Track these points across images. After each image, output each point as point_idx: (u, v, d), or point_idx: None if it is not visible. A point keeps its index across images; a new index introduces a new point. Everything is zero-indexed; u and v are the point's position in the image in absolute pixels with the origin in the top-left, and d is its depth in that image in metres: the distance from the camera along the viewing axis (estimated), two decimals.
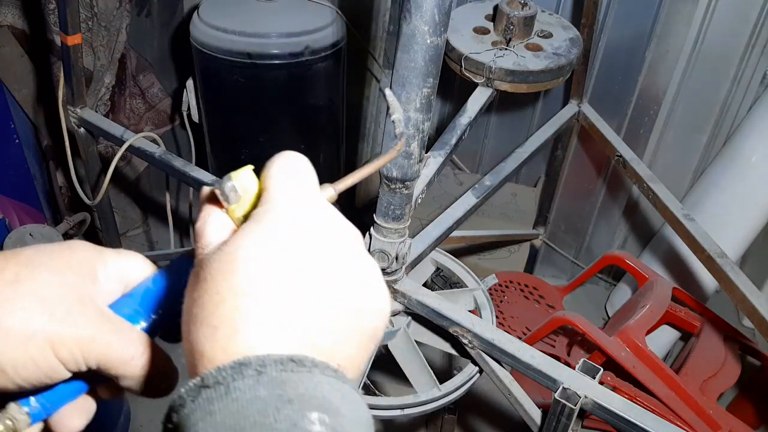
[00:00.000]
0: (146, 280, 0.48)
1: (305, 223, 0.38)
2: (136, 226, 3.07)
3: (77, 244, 0.46)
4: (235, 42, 2.01)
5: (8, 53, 2.53)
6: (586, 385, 1.18)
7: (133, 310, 0.46)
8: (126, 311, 0.46)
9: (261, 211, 0.39)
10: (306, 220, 0.38)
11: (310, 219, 0.38)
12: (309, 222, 0.38)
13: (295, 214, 0.38)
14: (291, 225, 0.37)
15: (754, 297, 1.48)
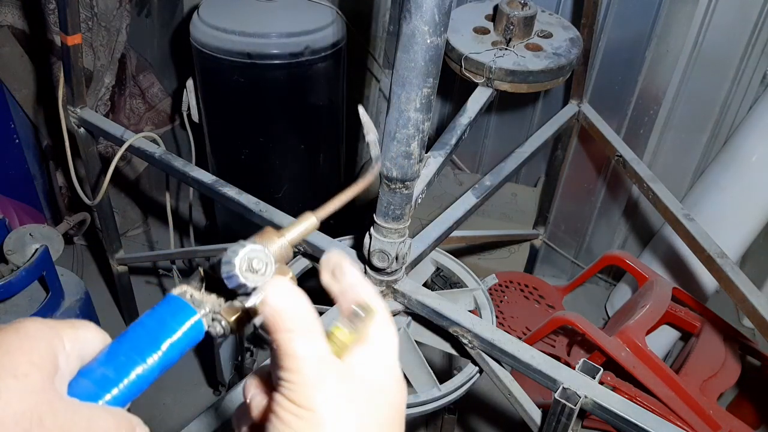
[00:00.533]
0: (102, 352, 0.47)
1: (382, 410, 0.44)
2: (136, 226, 3.07)
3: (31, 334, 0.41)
4: (235, 42, 2.01)
5: (8, 53, 2.53)
6: (586, 385, 1.18)
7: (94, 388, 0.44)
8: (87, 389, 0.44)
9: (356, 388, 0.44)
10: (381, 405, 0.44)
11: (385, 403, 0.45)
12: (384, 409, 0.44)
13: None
14: None
15: (754, 297, 1.48)
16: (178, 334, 0.48)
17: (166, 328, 0.48)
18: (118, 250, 2.27)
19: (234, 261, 0.47)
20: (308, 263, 1.62)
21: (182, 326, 0.49)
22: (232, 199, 1.58)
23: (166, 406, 2.37)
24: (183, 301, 0.50)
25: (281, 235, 0.53)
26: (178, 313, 0.49)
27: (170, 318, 0.49)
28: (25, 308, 1.74)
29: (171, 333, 0.48)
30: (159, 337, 0.47)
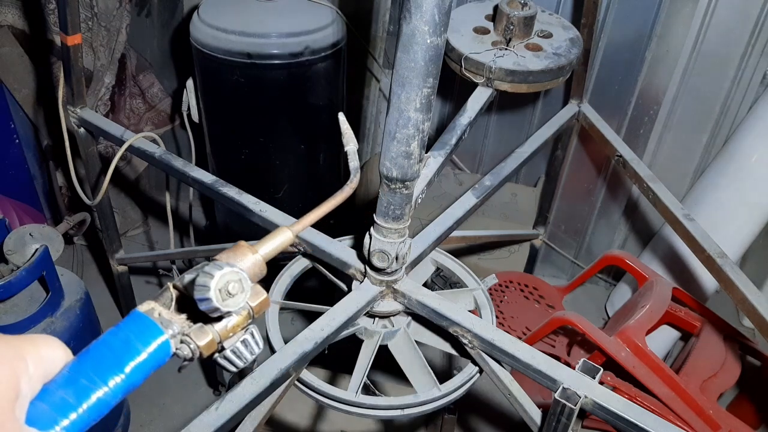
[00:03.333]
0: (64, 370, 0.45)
1: None
2: (136, 226, 3.07)
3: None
4: (235, 42, 2.01)
5: (8, 53, 2.53)
6: (586, 385, 1.18)
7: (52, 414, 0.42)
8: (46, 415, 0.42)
9: None
10: None
11: None
12: None
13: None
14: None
15: (754, 297, 1.48)
16: (143, 355, 0.46)
17: (130, 348, 0.46)
18: (118, 250, 2.27)
19: (209, 284, 0.45)
20: (308, 263, 1.62)
21: (148, 347, 0.46)
22: (232, 199, 1.58)
23: (166, 406, 2.37)
24: (150, 320, 0.47)
25: (255, 250, 0.52)
26: (144, 332, 0.47)
27: (136, 338, 0.46)
28: (25, 308, 1.74)
29: (135, 354, 0.46)
30: (123, 359, 0.45)
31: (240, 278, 0.47)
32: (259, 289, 0.51)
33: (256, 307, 0.52)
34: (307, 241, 1.46)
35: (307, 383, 1.42)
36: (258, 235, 0.57)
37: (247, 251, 0.52)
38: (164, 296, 0.50)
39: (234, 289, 0.47)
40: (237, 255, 0.51)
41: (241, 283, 0.47)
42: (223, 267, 0.46)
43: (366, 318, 1.43)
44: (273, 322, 1.49)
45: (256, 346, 0.53)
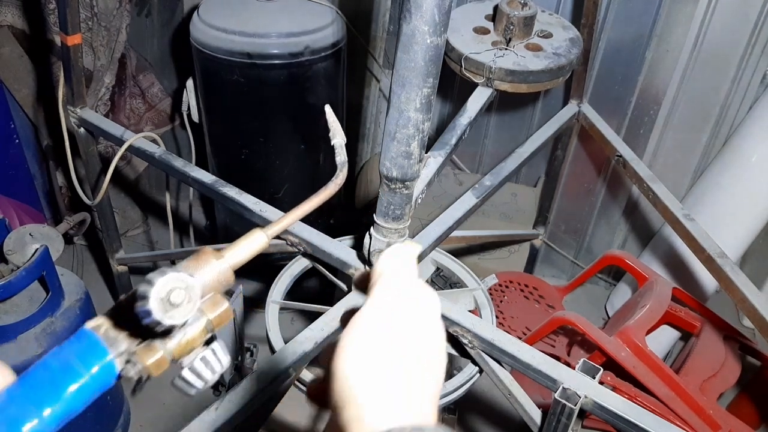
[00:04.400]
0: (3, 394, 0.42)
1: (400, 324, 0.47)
2: (136, 226, 3.07)
3: None
4: (235, 42, 2.01)
5: (8, 53, 2.53)
6: (586, 385, 1.18)
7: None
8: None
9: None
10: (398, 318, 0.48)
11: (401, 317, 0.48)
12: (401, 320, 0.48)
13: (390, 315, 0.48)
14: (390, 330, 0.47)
15: (754, 297, 1.48)
16: (85, 379, 0.42)
17: (71, 371, 0.42)
18: (118, 250, 2.27)
19: (149, 294, 0.40)
20: (308, 263, 1.62)
21: (90, 370, 0.42)
22: (232, 199, 1.58)
23: (166, 406, 2.37)
24: (95, 338, 0.43)
25: (220, 256, 0.47)
26: (86, 352, 0.43)
27: (78, 359, 0.42)
28: (25, 308, 1.74)
29: (76, 378, 0.42)
30: (61, 384, 0.41)
31: (185, 285, 0.41)
32: (219, 298, 0.46)
33: (215, 319, 0.46)
34: (307, 241, 1.46)
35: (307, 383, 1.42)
36: None
37: (211, 258, 0.47)
38: (115, 310, 0.45)
39: (178, 298, 0.41)
40: (199, 262, 0.46)
41: (187, 291, 0.41)
42: (166, 273, 0.41)
43: None
44: (273, 322, 1.49)
45: (218, 363, 0.47)
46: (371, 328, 0.47)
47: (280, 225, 0.51)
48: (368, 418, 0.43)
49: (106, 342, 0.43)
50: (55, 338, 1.74)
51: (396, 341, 0.46)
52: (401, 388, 0.44)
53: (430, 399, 0.46)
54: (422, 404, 0.45)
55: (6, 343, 1.69)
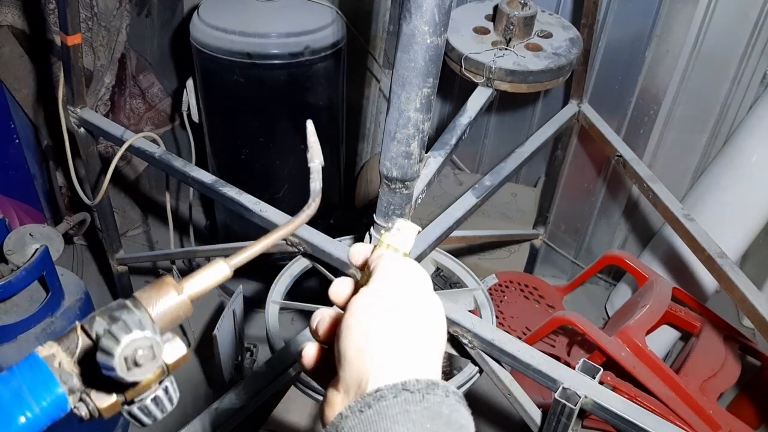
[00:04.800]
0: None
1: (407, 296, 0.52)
2: (136, 226, 3.07)
3: None
4: (235, 42, 2.01)
5: (8, 53, 2.53)
6: (586, 385, 1.18)
7: None
8: None
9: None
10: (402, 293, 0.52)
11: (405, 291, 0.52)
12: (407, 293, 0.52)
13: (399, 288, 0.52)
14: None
15: (754, 297, 1.48)
16: (36, 411, 0.41)
17: (21, 402, 0.41)
18: (118, 250, 2.27)
19: (114, 352, 0.40)
20: (308, 263, 1.62)
21: (41, 404, 0.41)
22: (232, 199, 1.58)
23: None
24: (48, 370, 0.42)
25: (180, 289, 0.46)
26: (39, 384, 0.42)
27: (29, 390, 0.41)
28: (25, 308, 1.74)
29: (26, 410, 0.41)
30: (11, 415, 0.40)
31: (151, 344, 0.41)
32: (178, 343, 0.46)
33: (172, 364, 0.45)
34: (307, 241, 1.46)
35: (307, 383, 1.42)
36: (258, 236, 0.54)
37: (171, 289, 0.46)
38: (69, 339, 0.44)
39: (143, 358, 0.40)
40: (159, 293, 0.45)
41: (152, 350, 0.41)
42: (132, 330, 0.40)
43: None
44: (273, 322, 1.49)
45: (169, 403, 0.47)
46: (381, 296, 0.50)
47: (243, 256, 0.50)
48: (384, 374, 0.46)
49: (60, 377, 0.42)
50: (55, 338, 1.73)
51: (404, 308, 0.50)
52: (412, 348, 0.48)
53: (436, 361, 0.50)
54: (430, 365, 0.49)
55: (6, 343, 1.69)
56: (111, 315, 0.43)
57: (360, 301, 0.50)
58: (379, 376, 0.46)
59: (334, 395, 0.50)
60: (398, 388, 0.45)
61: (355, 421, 0.44)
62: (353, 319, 0.49)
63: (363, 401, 0.45)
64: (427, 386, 0.45)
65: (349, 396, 0.48)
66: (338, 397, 0.49)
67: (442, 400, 0.45)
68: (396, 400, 0.44)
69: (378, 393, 0.45)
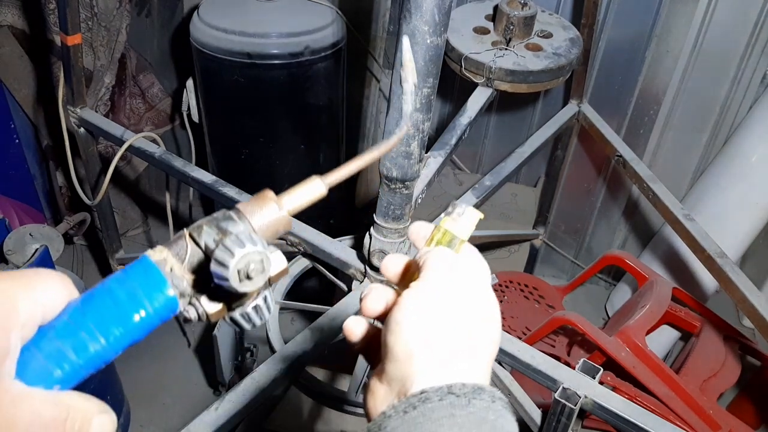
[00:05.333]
0: (63, 315, 0.42)
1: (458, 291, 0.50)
2: (136, 226, 3.07)
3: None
4: (235, 42, 2.01)
5: (8, 53, 2.53)
6: (586, 385, 1.18)
7: (47, 367, 0.40)
8: (39, 367, 0.40)
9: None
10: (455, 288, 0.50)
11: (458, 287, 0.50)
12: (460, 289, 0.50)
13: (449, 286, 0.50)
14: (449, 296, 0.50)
15: (754, 297, 1.48)
16: (149, 310, 0.43)
17: (136, 303, 0.43)
18: (118, 250, 2.27)
19: (229, 264, 0.42)
20: (308, 263, 1.62)
21: (154, 303, 0.43)
22: (232, 199, 1.58)
23: (166, 406, 2.37)
24: (160, 274, 0.44)
25: (281, 203, 0.48)
26: (152, 287, 0.43)
27: (143, 291, 0.43)
28: None
29: (141, 308, 0.43)
30: (127, 313, 0.42)
31: (262, 258, 0.43)
32: (280, 255, 0.47)
33: (275, 277, 0.47)
34: (307, 241, 1.46)
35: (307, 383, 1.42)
36: None
37: (272, 203, 0.47)
38: (178, 245, 0.45)
39: (254, 271, 0.43)
40: (262, 207, 0.47)
41: (262, 264, 0.43)
42: (245, 245, 0.42)
43: None
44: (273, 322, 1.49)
45: (267, 311, 0.49)
46: (432, 293, 0.49)
47: (337, 174, 0.52)
48: (430, 375, 0.45)
49: (172, 281, 0.44)
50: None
51: (456, 307, 0.49)
52: (461, 351, 0.47)
53: (487, 363, 0.49)
54: (479, 368, 0.48)
55: None
56: (218, 226, 0.44)
57: (411, 297, 0.49)
58: (425, 377, 0.45)
59: (378, 386, 0.49)
60: (444, 391, 0.44)
61: (399, 422, 0.44)
62: (402, 315, 0.48)
63: (408, 402, 0.44)
64: (474, 390, 0.44)
65: (393, 391, 0.47)
66: (382, 389, 0.49)
67: (488, 406, 0.44)
68: (441, 403, 0.43)
69: (423, 395, 0.44)
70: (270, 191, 0.48)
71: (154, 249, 0.45)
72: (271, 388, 1.19)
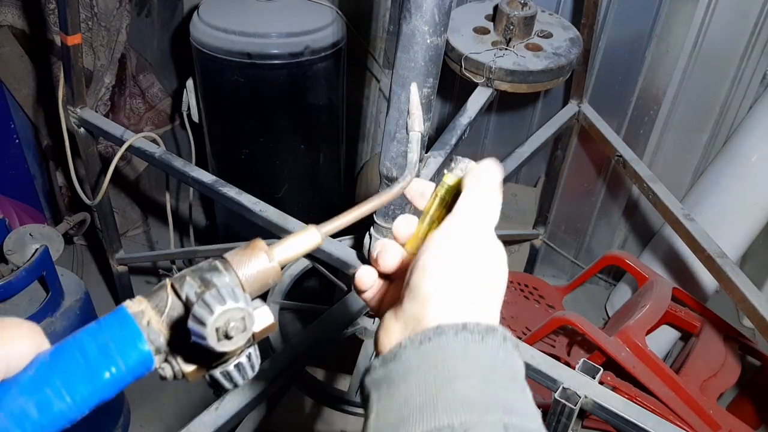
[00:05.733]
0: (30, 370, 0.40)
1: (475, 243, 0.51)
2: (136, 226, 3.07)
3: None
4: (235, 42, 2.01)
5: (8, 53, 2.53)
6: (586, 385, 1.18)
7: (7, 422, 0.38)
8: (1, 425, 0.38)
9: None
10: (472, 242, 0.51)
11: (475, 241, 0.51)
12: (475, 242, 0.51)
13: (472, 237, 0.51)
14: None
15: (754, 297, 1.48)
16: (121, 367, 0.40)
17: (108, 359, 0.40)
18: (118, 250, 2.27)
19: (207, 321, 0.39)
20: (308, 263, 1.62)
21: (127, 359, 0.40)
22: (232, 199, 1.58)
23: (165, 406, 2.37)
24: (136, 328, 0.41)
25: (271, 254, 0.45)
26: (127, 342, 0.40)
27: (116, 347, 0.40)
28: (25, 308, 1.74)
29: (112, 364, 0.40)
30: (98, 371, 0.40)
31: (243, 316, 0.40)
32: (266, 311, 0.45)
33: (259, 333, 0.44)
34: None
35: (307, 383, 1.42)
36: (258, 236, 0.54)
37: (263, 254, 0.44)
38: (158, 297, 0.43)
39: (234, 330, 0.40)
40: (251, 258, 0.44)
41: (243, 321, 0.40)
42: (226, 301, 0.39)
43: (366, 318, 1.43)
44: None
45: (251, 369, 0.46)
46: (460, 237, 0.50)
47: (335, 224, 0.49)
48: (446, 314, 0.47)
49: (148, 336, 0.41)
50: (55, 338, 1.71)
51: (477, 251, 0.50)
52: (477, 294, 0.49)
53: (497, 307, 0.51)
54: (492, 311, 0.50)
55: None
56: (202, 277, 0.42)
57: (438, 244, 0.50)
58: (441, 315, 0.47)
59: (393, 323, 0.50)
60: (459, 327, 0.46)
61: (414, 352, 0.45)
62: (430, 262, 0.49)
63: (423, 335, 0.46)
64: (487, 329, 0.46)
65: (408, 328, 0.49)
66: (397, 326, 0.50)
67: (499, 344, 0.46)
68: (456, 337, 0.45)
69: (438, 329, 0.46)
70: (261, 241, 0.45)
71: (132, 300, 0.42)
72: (271, 387, 1.19)
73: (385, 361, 0.47)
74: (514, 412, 0.42)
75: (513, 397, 0.44)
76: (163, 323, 0.42)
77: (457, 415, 0.41)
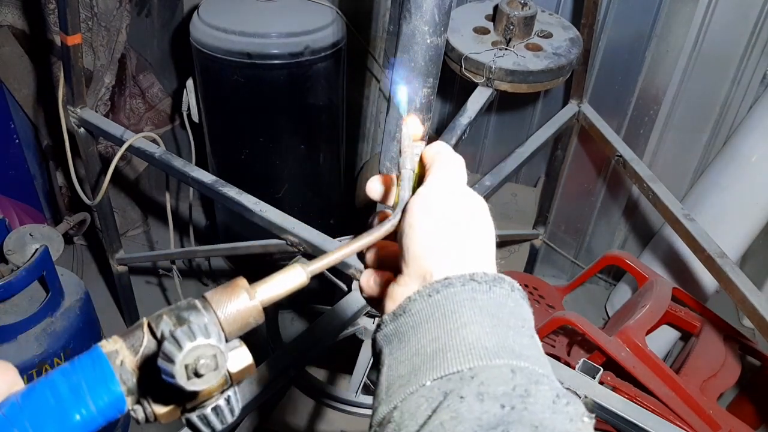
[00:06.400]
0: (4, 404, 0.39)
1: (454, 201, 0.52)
2: (136, 226, 3.07)
3: None
4: (235, 42, 2.01)
5: (8, 53, 2.53)
6: (586, 385, 1.18)
7: None
8: None
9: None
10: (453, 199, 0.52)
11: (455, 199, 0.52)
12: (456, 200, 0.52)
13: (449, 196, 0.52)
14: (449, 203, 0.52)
15: (754, 297, 1.48)
16: (92, 409, 0.40)
17: (79, 400, 0.39)
18: (118, 250, 2.27)
19: (175, 359, 0.38)
20: None
21: (98, 401, 0.40)
22: (232, 199, 1.58)
23: None
24: (109, 367, 0.40)
25: (253, 293, 0.44)
26: (98, 382, 0.40)
27: (88, 387, 0.40)
28: (25, 308, 1.74)
29: (83, 408, 0.39)
30: (67, 410, 0.39)
31: (215, 353, 0.38)
32: (244, 351, 0.43)
33: (237, 374, 0.43)
34: (307, 241, 1.46)
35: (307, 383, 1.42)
36: (258, 236, 0.54)
37: (243, 293, 0.43)
38: (134, 336, 0.41)
39: (204, 368, 0.38)
40: (231, 297, 0.43)
41: (215, 359, 0.38)
42: (196, 337, 0.38)
43: (366, 318, 1.43)
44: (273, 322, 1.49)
45: (230, 414, 0.44)
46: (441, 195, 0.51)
47: (321, 263, 0.49)
48: (450, 266, 0.48)
49: (120, 376, 0.41)
50: (55, 338, 1.74)
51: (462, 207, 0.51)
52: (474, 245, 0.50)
53: (493, 258, 0.52)
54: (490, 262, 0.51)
55: (6, 343, 1.69)
56: (178, 315, 0.41)
57: (419, 202, 0.51)
58: (445, 267, 0.47)
59: (396, 289, 0.51)
60: (466, 278, 0.46)
61: (423, 305, 0.46)
62: (414, 218, 0.50)
63: (431, 287, 0.46)
64: (494, 279, 0.47)
65: (414, 287, 0.49)
66: (401, 289, 0.50)
67: (507, 294, 0.47)
68: (464, 288, 0.45)
69: (446, 280, 0.46)
70: (243, 279, 0.45)
71: (108, 339, 0.41)
72: (271, 388, 1.19)
73: (396, 315, 0.48)
74: (522, 357, 0.43)
75: (521, 342, 0.44)
76: (137, 362, 0.41)
77: (465, 360, 0.42)
